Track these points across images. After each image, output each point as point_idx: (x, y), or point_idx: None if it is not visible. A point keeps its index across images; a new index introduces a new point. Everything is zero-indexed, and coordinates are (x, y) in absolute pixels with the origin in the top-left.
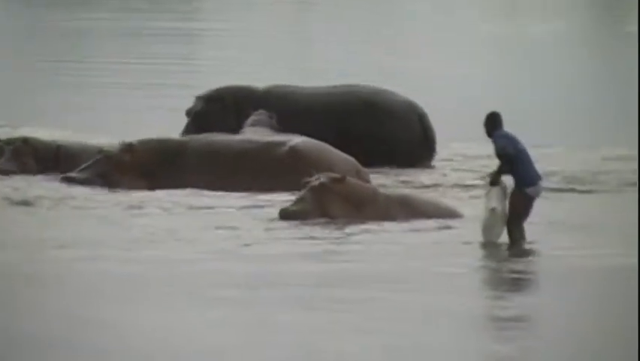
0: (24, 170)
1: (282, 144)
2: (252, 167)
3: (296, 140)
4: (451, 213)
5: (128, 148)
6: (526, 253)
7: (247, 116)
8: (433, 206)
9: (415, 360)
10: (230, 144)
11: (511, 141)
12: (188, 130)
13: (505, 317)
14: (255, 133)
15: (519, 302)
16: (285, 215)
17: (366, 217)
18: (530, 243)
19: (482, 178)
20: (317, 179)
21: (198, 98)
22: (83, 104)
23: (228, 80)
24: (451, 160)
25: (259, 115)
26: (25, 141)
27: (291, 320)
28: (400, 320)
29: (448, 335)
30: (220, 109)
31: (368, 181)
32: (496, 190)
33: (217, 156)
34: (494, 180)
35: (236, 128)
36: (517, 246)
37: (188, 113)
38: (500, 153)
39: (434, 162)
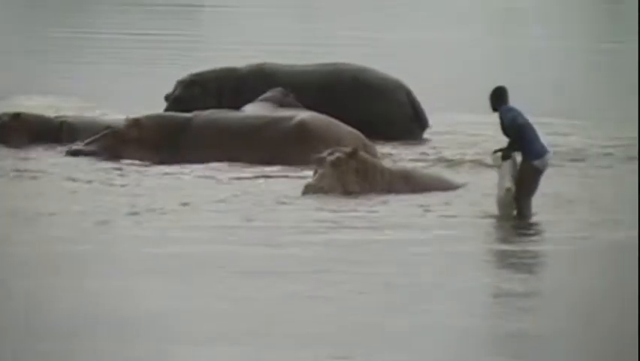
0: (15, 145)
1: (289, 118)
2: (259, 142)
3: (303, 114)
4: (452, 186)
5: (135, 123)
6: (534, 228)
7: (229, 99)
8: (435, 180)
9: (422, 334)
10: (236, 119)
11: (517, 113)
12: None
13: (512, 292)
14: (257, 109)
15: (526, 278)
16: (311, 191)
17: (374, 191)
18: (537, 217)
19: (493, 153)
20: (330, 153)
21: (178, 82)
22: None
23: (228, 57)
24: (445, 134)
25: (273, 92)
26: (17, 116)
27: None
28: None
29: (458, 310)
30: (200, 94)
31: (375, 155)
32: (508, 165)
33: (223, 132)
34: (506, 154)
35: None
36: (524, 220)
37: (167, 98)
38: (510, 126)
39: (429, 136)
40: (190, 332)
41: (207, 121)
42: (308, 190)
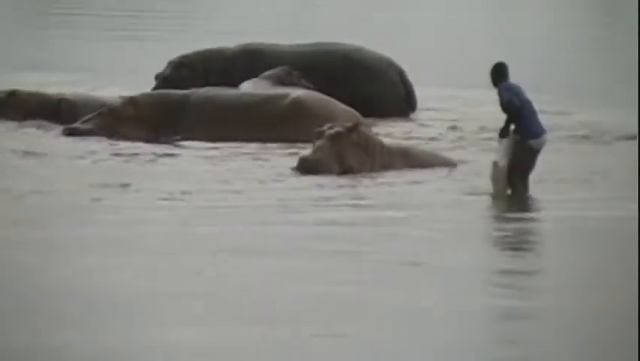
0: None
1: (284, 96)
2: (255, 119)
3: (298, 92)
4: (449, 164)
5: (131, 101)
6: (529, 205)
7: (217, 79)
8: (432, 157)
9: (417, 314)
10: (232, 97)
11: (516, 92)
12: None
13: (509, 269)
14: (254, 86)
15: (523, 255)
16: (306, 164)
17: (373, 167)
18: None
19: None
20: (330, 127)
21: (168, 63)
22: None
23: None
24: (432, 110)
25: (277, 70)
26: (12, 93)
27: None
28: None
29: (454, 292)
30: (188, 75)
31: (369, 133)
32: (504, 143)
33: (220, 109)
34: (503, 132)
35: None
36: (520, 198)
37: (157, 77)
38: (506, 105)
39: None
40: (176, 311)
41: (204, 98)
42: (303, 163)
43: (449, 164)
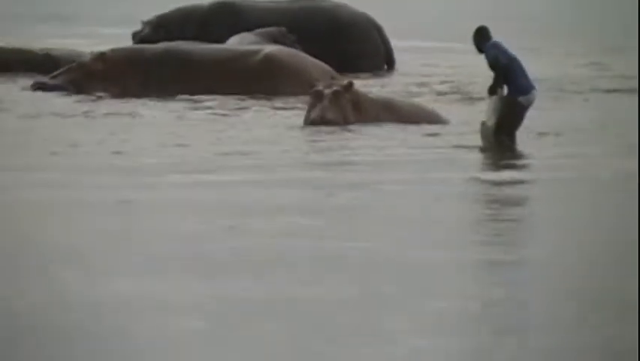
0: None
1: (256, 52)
2: (228, 74)
3: (270, 48)
4: (437, 119)
5: (100, 57)
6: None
7: (192, 38)
8: (414, 107)
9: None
10: (204, 52)
11: (502, 50)
12: None
13: (500, 225)
14: (240, 41)
15: (513, 210)
16: (318, 123)
17: (367, 121)
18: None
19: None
20: (327, 86)
21: (145, 23)
22: None
23: None
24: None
25: (272, 30)
26: None
27: None
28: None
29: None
30: (164, 34)
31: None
32: (493, 101)
33: (192, 64)
34: (492, 90)
35: None
36: (506, 152)
37: (134, 36)
38: (493, 64)
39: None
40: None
41: (176, 54)
42: (315, 122)
43: (433, 115)
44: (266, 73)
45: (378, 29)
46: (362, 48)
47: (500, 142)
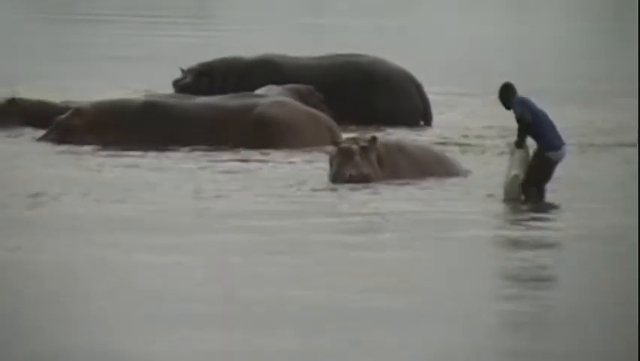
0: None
1: (248, 110)
2: (216, 131)
3: (262, 104)
4: (441, 159)
5: (76, 113)
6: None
7: (234, 89)
8: (434, 157)
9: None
10: (193, 107)
11: (529, 106)
12: None
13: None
14: (266, 91)
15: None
16: (357, 180)
17: (389, 175)
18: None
19: (507, 144)
20: (353, 142)
21: (187, 71)
22: None
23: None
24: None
25: (301, 86)
26: (12, 101)
27: None
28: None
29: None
30: (207, 84)
31: (339, 137)
32: (519, 154)
33: (178, 120)
34: (519, 143)
35: None
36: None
37: (175, 84)
38: (519, 119)
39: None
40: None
41: (159, 107)
42: (352, 180)
43: (443, 160)
44: (256, 132)
45: (417, 86)
46: (397, 103)
47: (529, 196)
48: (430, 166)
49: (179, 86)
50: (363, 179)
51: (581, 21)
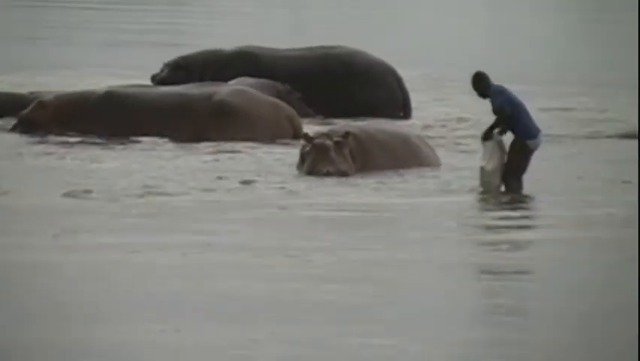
0: None
1: (207, 97)
2: (176, 119)
3: (223, 91)
4: (431, 159)
5: (40, 106)
6: (522, 202)
7: (212, 81)
8: (409, 147)
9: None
10: (151, 96)
11: (508, 96)
12: None
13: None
14: (240, 83)
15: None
16: (332, 173)
17: (363, 169)
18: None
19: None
20: (326, 136)
21: (165, 64)
22: None
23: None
24: None
25: (278, 84)
26: None
27: None
28: None
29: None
30: (184, 77)
31: (300, 127)
32: (488, 146)
33: (137, 109)
34: (486, 135)
35: None
36: (514, 195)
37: (153, 79)
38: (497, 110)
39: None
40: None
41: (120, 97)
42: (330, 174)
43: (432, 162)
44: (218, 119)
45: (397, 78)
46: (376, 94)
47: (510, 187)
48: (404, 156)
49: (157, 80)
50: (341, 175)
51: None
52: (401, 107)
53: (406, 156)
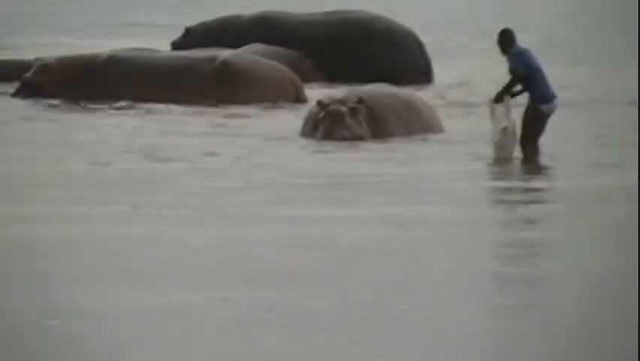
0: None
1: (211, 59)
2: (180, 82)
3: (226, 54)
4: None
5: (43, 69)
6: (541, 169)
7: (231, 47)
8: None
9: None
10: (154, 59)
11: (526, 59)
12: None
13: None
14: (252, 49)
15: (535, 218)
16: (347, 138)
17: (376, 134)
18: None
19: (488, 100)
20: (341, 103)
21: (185, 29)
22: None
23: None
24: None
25: (292, 52)
26: None
27: None
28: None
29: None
30: (205, 42)
31: (302, 91)
32: (501, 108)
33: (140, 72)
34: (499, 97)
35: None
36: (531, 160)
37: (173, 44)
38: (512, 71)
39: None
40: None
41: (127, 61)
42: (345, 139)
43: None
44: (223, 80)
45: (419, 43)
46: (396, 59)
47: (526, 152)
48: (410, 120)
49: (175, 46)
50: (357, 139)
51: None
52: (423, 73)
53: (412, 120)
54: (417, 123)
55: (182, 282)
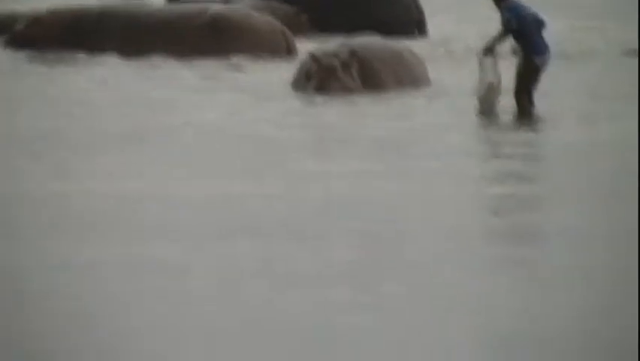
0: None
1: (202, 12)
2: (171, 35)
3: (216, 7)
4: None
5: (35, 22)
6: (535, 120)
7: (225, 1)
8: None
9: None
10: (144, 12)
11: (519, 11)
12: None
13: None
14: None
15: (527, 172)
16: (334, 94)
17: (369, 88)
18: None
19: (477, 53)
20: (334, 56)
21: None
22: None
23: None
24: None
25: (286, 7)
26: None
27: None
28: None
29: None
30: None
31: (293, 44)
32: (489, 61)
33: (131, 25)
34: (487, 49)
35: None
36: (526, 114)
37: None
38: (504, 25)
39: None
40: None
41: (119, 13)
42: (337, 93)
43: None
44: (215, 32)
45: None
46: (392, 12)
47: (521, 105)
48: (400, 73)
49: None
50: (349, 93)
51: None
52: (415, 24)
53: (402, 73)
54: (407, 76)
55: (180, 236)
